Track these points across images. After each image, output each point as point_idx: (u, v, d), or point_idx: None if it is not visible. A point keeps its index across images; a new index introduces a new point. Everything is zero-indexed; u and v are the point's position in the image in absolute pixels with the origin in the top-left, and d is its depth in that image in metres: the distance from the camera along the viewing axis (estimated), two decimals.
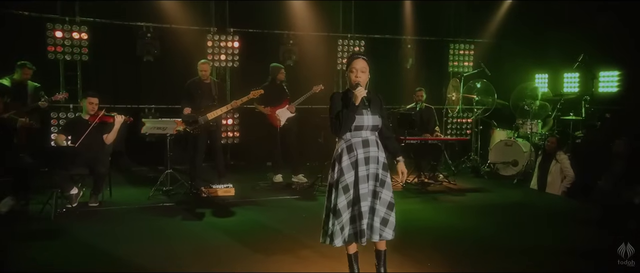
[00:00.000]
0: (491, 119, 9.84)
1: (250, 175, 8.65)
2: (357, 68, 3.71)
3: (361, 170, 3.70)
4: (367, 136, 3.73)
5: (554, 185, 7.63)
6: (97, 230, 5.36)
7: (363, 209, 3.67)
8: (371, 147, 3.74)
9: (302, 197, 7.08)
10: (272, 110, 7.83)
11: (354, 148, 3.69)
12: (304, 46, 10.10)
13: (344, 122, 3.63)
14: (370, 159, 3.72)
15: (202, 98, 7.20)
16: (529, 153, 8.80)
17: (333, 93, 3.77)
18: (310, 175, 8.10)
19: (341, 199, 3.68)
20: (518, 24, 10.25)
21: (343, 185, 3.68)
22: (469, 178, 8.80)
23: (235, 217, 6.01)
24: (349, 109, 3.62)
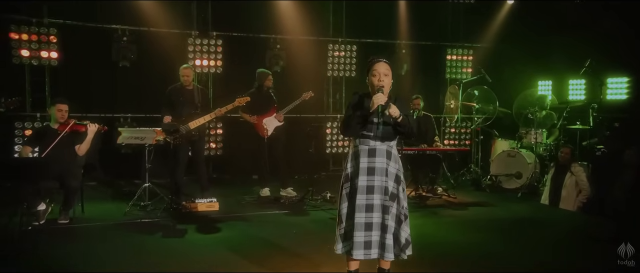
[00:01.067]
0: (492, 128, 9.85)
1: (235, 189, 8.59)
2: (380, 71, 3.77)
3: (361, 179, 3.76)
4: (376, 145, 3.78)
5: (568, 199, 7.60)
6: (67, 250, 5.26)
7: (357, 220, 3.73)
8: (378, 157, 3.77)
9: (291, 211, 7.04)
10: (259, 119, 7.78)
11: (359, 156, 3.79)
12: (292, 51, 10.09)
13: (353, 124, 3.71)
14: (375, 170, 3.76)
15: (184, 106, 7.15)
16: (533, 165, 8.81)
17: (355, 92, 3.88)
18: (300, 188, 8.06)
19: (344, 205, 3.82)
20: (519, 27, 10.31)
21: (346, 191, 3.83)
22: (469, 192, 8.80)
23: (220, 234, 5.95)
24: (361, 114, 3.70)
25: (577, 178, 7.56)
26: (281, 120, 7.89)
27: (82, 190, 6.62)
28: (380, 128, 3.70)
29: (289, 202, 7.53)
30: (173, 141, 6.90)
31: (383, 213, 3.76)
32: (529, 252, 5.46)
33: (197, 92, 7.27)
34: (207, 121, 7.34)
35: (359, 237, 3.74)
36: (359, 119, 3.70)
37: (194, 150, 7.32)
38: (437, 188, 8.43)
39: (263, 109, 7.81)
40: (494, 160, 9.25)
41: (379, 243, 3.77)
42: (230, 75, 9.68)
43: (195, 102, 7.20)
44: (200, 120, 7.10)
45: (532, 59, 10.22)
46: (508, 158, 9.08)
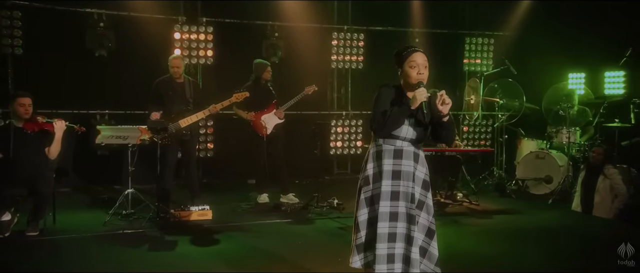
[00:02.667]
0: (517, 126, 9.81)
1: (229, 195, 8.56)
2: (419, 63, 3.72)
3: (385, 184, 3.73)
4: (402, 146, 3.77)
5: (603, 206, 7.51)
6: (37, 267, 5.18)
7: (380, 231, 3.69)
8: (405, 159, 3.75)
9: (294, 220, 7.02)
10: (257, 115, 7.76)
11: (382, 157, 3.75)
12: (292, 39, 10.07)
13: (390, 122, 3.65)
14: (402, 174, 3.74)
15: (174, 101, 7.13)
16: (565, 168, 8.77)
17: (382, 86, 3.82)
18: (303, 194, 8.07)
19: (362, 212, 3.78)
20: (546, 13, 10.26)
21: (366, 196, 3.78)
22: (492, 198, 8.79)
23: (214, 246, 5.92)
24: (401, 110, 3.65)
25: (611, 181, 7.48)
26: (282, 117, 7.87)
27: (54, 197, 6.51)
28: (411, 129, 3.73)
29: (291, 210, 7.51)
30: (160, 141, 6.87)
31: (409, 223, 3.72)
32: (561, 265, 5.45)
33: (188, 85, 7.25)
34: (200, 119, 7.33)
35: (381, 249, 3.69)
36: (398, 117, 3.64)
37: (185, 151, 7.29)
38: (457, 194, 8.41)
39: (261, 105, 7.78)
40: (520, 163, 9.20)
41: (402, 256, 3.73)
42: (221, 67, 9.64)
43: (186, 96, 7.17)
44: (193, 118, 7.07)
45: (561, 49, 10.13)
46: (536, 161, 9.02)
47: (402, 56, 3.76)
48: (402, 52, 3.77)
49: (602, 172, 7.58)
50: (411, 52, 3.75)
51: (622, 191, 7.41)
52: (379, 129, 3.70)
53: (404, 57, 3.75)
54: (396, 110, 3.65)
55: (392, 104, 3.72)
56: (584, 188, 7.76)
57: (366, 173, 3.79)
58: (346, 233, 6.30)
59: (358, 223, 3.77)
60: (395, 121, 3.66)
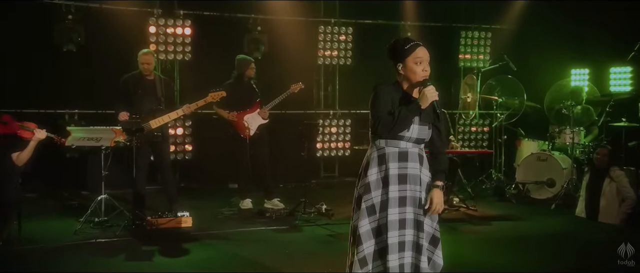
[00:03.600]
0: (517, 126, 9.87)
1: (209, 200, 8.56)
2: (423, 59, 3.72)
3: (392, 189, 3.69)
4: (407, 148, 3.74)
5: (609, 210, 7.54)
6: None
7: (390, 241, 3.65)
8: (410, 162, 3.73)
9: (280, 227, 7.02)
10: (239, 115, 7.76)
11: (386, 160, 3.71)
12: (276, 34, 10.07)
13: (399, 122, 3.62)
14: (408, 178, 3.72)
15: (144, 99, 7.09)
16: (569, 171, 8.81)
17: (378, 85, 3.77)
18: (289, 199, 8.06)
19: (364, 222, 3.70)
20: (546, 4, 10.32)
21: (368, 205, 3.71)
22: (491, 203, 8.82)
23: (195, 255, 5.90)
24: (410, 109, 3.63)
25: (618, 184, 7.51)
26: (266, 117, 7.87)
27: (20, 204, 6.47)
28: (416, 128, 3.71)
29: (277, 216, 7.52)
30: (129, 143, 6.87)
31: (417, 230, 3.71)
32: None
33: (159, 83, 7.22)
34: (173, 120, 7.33)
35: (393, 260, 3.65)
36: (408, 116, 3.62)
37: (158, 154, 7.25)
38: (453, 199, 8.41)
39: (244, 104, 7.77)
40: (521, 165, 9.23)
41: (412, 265, 3.71)
42: (200, 63, 9.62)
43: (157, 95, 7.14)
44: (165, 118, 7.05)
45: (563, 43, 10.27)
46: (538, 163, 9.06)
47: (405, 50, 3.71)
48: (405, 45, 3.72)
49: (607, 175, 7.61)
50: (415, 46, 3.72)
51: (630, 194, 7.42)
52: (387, 131, 3.65)
53: (408, 51, 3.71)
54: (405, 110, 3.62)
55: (395, 103, 3.69)
56: (588, 192, 7.78)
57: (367, 180, 3.72)
58: (336, 241, 6.34)
59: (360, 236, 3.68)
60: (405, 121, 3.63)
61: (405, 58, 3.71)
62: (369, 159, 3.77)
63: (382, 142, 3.73)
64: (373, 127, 3.72)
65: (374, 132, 3.75)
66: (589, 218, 7.71)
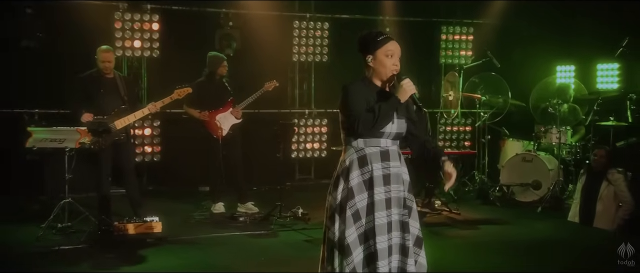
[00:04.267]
0: (500, 125, 9.94)
1: (179, 204, 8.55)
2: (395, 52, 3.75)
3: (378, 191, 3.69)
4: (387, 146, 3.75)
5: (605, 215, 7.53)
6: None
7: (379, 246, 3.63)
8: (392, 161, 3.75)
9: (255, 232, 7.02)
10: (211, 115, 7.75)
11: (369, 161, 3.70)
12: (249, 29, 10.04)
13: (381, 119, 3.61)
14: (391, 177, 3.73)
15: (105, 99, 7.04)
16: (555, 172, 8.88)
17: (347, 84, 3.76)
18: (263, 203, 8.06)
19: (350, 231, 3.65)
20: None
21: (353, 212, 3.66)
22: (475, 206, 8.90)
23: (164, 263, 5.87)
24: (390, 104, 3.65)
25: (615, 188, 7.46)
26: (239, 117, 7.88)
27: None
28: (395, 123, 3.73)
29: (251, 220, 7.53)
30: (92, 145, 6.82)
31: (402, 231, 3.72)
32: None
33: (120, 81, 7.20)
34: (138, 119, 7.31)
35: (383, 267, 3.64)
36: (388, 111, 3.63)
37: (121, 155, 7.18)
38: (435, 202, 8.47)
39: (216, 103, 7.77)
40: (505, 166, 9.28)
41: (398, 268, 3.71)
42: (169, 60, 9.55)
43: (120, 94, 7.11)
44: (130, 118, 7.04)
45: (548, 38, 10.34)
46: (523, 164, 9.12)
47: (376, 42, 3.73)
48: (376, 36, 3.76)
49: (605, 178, 7.57)
50: (387, 39, 3.75)
51: (627, 199, 7.38)
52: (368, 129, 3.62)
53: (379, 43, 3.73)
54: (385, 105, 3.62)
55: (370, 100, 3.70)
56: (584, 195, 7.75)
57: (349, 185, 3.67)
58: (314, 246, 6.30)
59: (348, 246, 3.61)
60: (387, 117, 3.63)
61: (376, 50, 3.74)
62: (348, 162, 3.72)
63: (360, 142, 3.71)
64: (350, 128, 3.68)
65: (350, 133, 3.73)
66: (583, 224, 7.68)
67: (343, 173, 3.72)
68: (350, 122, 3.65)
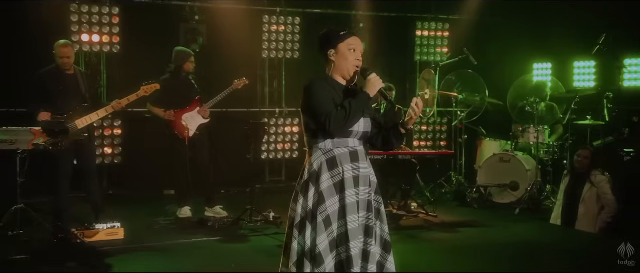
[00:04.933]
0: (477, 125, 9.97)
1: (143, 209, 8.47)
2: (358, 48, 3.78)
3: (349, 194, 3.69)
4: (356, 146, 3.78)
5: (587, 218, 7.57)
6: None
7: (353, 251, 3.62)
8: (361, 162, 3.77)
9: (225, 238, 6.99)
10: (177, 114, 7.70)
11: (339, 163, 3.70)
12: (216, 24, 10.00)
13: (352, 115, 3.61)
14: (360, 179, 3.74)
15: (66, 97, 6.93)
16: (533, 173, 8.94)
17: (309, 83, 3.75)
18: (233, 206, 8.05)
19: (322, 238, 3.62)
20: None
21: (323, 217, 3.64)
22: (452, 208, 8.96)
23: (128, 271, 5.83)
24: (360, 100, 3.66)
25: (598, 190, 7.53)
26: (206, 117, 7.84)
27: None
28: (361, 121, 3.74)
29: (220, 225, 7.49)
30: (52, 146, 6.68)
31: (366, 236, 3.72)
32: None
33: (81, 78, 7.09)
34: (101, 118, 7.24)
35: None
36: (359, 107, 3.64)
37: (83, 157, 7.10)
38: (411, 204, 8.45)
39: (182, 102, 7.74)
40: (482, 167, 9.33)
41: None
42: (130, 56, 9.45)
43: (81, 91, 7.01)
44: (93, 117, 6.95)
45: (525, 35, 10.42)
46: (500, 165, 9.17)
47: (339, 36, 3.75)
48: (340, 31, 3.79)
49: (588, 179, 7.62)
50: (350, 34, 3.79)
51: (610, 201, 7.44)
52: (340, 127, 3.61)
53: (342, 37, 3.75)
54: (355, 102, 3.62)
55: (336, 98, 3.69)
56: (567, 197, 7.79)
57: (320, 189, 3.65)
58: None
59: (320, 254, 3.58)
60: (358, 114, 3.64)
61: (339, 44, 3.75)
62: (316, 166, 3.69)
63: (328, 144, 3.70)
64: (319, 128, 3.65)
65: (316, 135, 3.70)
66: (566, 226, 7.73)
67: (312, 178, 3.68)
68: (318, 122, 3.62)
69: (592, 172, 7.62)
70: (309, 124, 3.71)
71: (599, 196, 7.50)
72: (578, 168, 7.74)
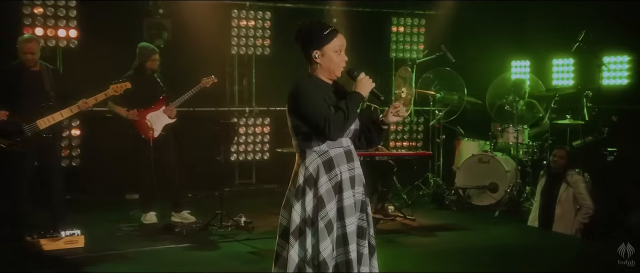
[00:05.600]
0: (455, 124, 9.96)
1: (104, 214, 8.39)
2: (343, 47, 3.78)
3: (347, 196, 3.72)
4: (349, 146, 3.81)
5: (564, 219, 7.61)
6: None
7: (352, 255, 3.67)
8: (355, 161, 3.81)
9: (194, 244, 6.90)
10: (142, 113, 7.63)
11: (336, 164, 3.71)
12: (182, 18, 9.85)
13: (350, 116, 3.63)
14: (355, 180, 3.78)
15: (28, 95, 6.85)
16: (513, 174, 8.96)
17: (297, 84, 3.72)
18: (201, 211, 8.01)
19: (325, 244, 3.62)
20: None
21: (325, 222, 3.64)
22: (430, 211, 8.96)
23: None
24: (353, 102, 3.68)
25: (575, 190, 7.61)
26: (173, 116, 7.80)
27: None
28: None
29: (188, 231, 7.42)
30: (8, 147, 6.56)
31: (359, 237, 3.77)
32: None
33: (47, 75, 6.99)
34: (67, 117, 7.12)
35: None
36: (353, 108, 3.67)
37: (46, 157, 7.01)
38: (389, 207, 8.46)
39: (147, 100, 7.67)
40: (461, 168, 9.33)
41: None
42: (89, 51, 9.24)
43: (45, 89, 6.91)
44: (57, 117, 6.83)
45: (503, 31, 10.41)
46: (479, 165, 9.17)
47: (322, 37, 3.70)
48: (323, 30, 3.72)
49: (564, 179, 7.67)
50: (334, 32, 3.74)
51: (586, 202, 7.50)
52: (339, 129, 3.62)
53: (326, 38, 3.70)
54: (350, 103, 3.65)
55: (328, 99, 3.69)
56: (543, 198, 7.86)
57: (319, 193, 3.65)
58: (260, 259, 6.31)
59: (324, 261, 3.59)
60: (354, 115, 3.67)
61: (323, 46, 3.71)
62: (312, 169, 3.69)
63: (323, 145, 3.70)
64: (316, 130, 3.63)
65: (310, 137, 3.68)
66: (543, 228, 7.80)
67: (308, 182, 3.67)
68: (316, 124, 3.61)
69: (568, 171, 7.69)
70: (298, 126, 3.69)
71: (575, 197, 7.58)
72: (554, 168, 7.81)
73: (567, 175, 7.66)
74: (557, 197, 7.68)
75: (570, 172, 7.68)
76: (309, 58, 3.73)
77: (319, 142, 3.68)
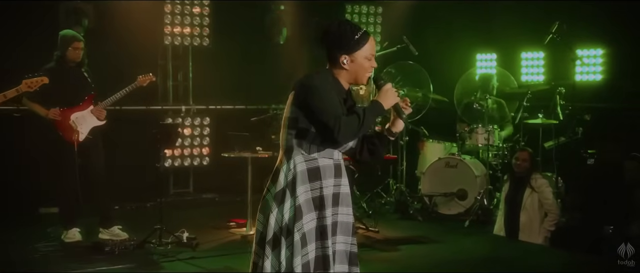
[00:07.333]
0: (419, 124, 9.87)
1: (16, 232, 8.06)
2: (374, 54, 3.77)
3: (328, 213, 3.68)
4: (340, 159, 3.81)
5: (530, 227, 7.72)
6: None
7: None
8: (343, 177, 3.80)
9: (131, 265, 6.68)
10: (65, 113, 7.39)
11: (321, 175, 3.70)
12: (106, 3, 9.63)
13: (366, 125, 3.61)
14: (341, 197, 3.77)
15: None
16: (483, 179, 8.96)
17: (313, 79, 3.69)
18: (134, 226, 7.82)
19: (297, 260, 3.59)
20: None
21: (300, 235, 3.62)
22: (394, 222, 8.94)
23: None
24: (374, 112, 3.67)
25: (539, 195, 7.69)
26: (102, 118, 7.63)
27: None
28: None
29: (120, 250, 7.12)
30: None
31: (350, 265, 3.80)
32: None
33: None
34: None
35: None
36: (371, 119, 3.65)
37: None
38: None
39: (71, 98, 7.46)
40: (426, 173, 9.31)
41: None
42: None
43: None
44: None
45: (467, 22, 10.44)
46: (446, 170, 9.18)
47: (354, 41, 3.68)
48: (355, 33, 3.69)
49: (528, 184, 7.75)
50: (367, 36, 3.73)
51: (553, 208, 7.64)
52: (349, 135, 3.62)
53: (359, 43, 3.69)
54: (369, 112, 3.62)
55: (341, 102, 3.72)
56: (507, 205, 7.92)
57: (297, 202, 3.62)
58: None
59: None
60: (370, 125, 3.68)
61: (355, 52, 3.70)
62: (296, 172, 3.67)
63: (313, 149, 3.70)
64: (322, 129, 3.59)
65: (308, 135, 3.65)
66: (509, 237, 7.88)
67: (289, 186, 3.68)
68: (325, 123, 3.55)
69: (531, 175, 7.77)
70: (297, 120, 3.63)
71: (541, 202, 7.69)
72: (517, 172, 7.93)
73: (531, 179, 7.78)
74: (521, 203, 7.77)
75: (534, 176, 7.77)
76: (334, 61, 3.71)
77: (310, 144, 3.66)
